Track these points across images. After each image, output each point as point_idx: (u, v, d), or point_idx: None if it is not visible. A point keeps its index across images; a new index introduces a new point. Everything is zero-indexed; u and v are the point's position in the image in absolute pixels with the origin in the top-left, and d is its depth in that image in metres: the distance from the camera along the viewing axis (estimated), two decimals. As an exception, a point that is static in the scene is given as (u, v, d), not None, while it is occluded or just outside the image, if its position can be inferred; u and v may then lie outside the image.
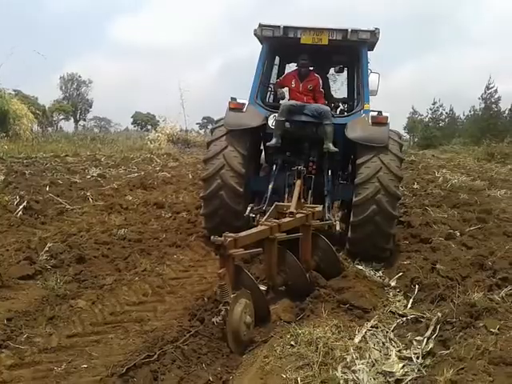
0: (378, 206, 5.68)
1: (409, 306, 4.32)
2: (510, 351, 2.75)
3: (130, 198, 9.70)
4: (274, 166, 6.41)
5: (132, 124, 68.88)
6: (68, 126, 56.04)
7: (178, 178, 13.74)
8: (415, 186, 12.61)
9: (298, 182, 5.92)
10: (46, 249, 5.34)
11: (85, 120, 68.85)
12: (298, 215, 4.91)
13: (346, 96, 7.70)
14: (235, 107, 6.28)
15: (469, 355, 2.89)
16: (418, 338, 3.51)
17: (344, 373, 3.06)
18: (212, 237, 3.68)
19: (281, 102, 6.67)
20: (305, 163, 6.30)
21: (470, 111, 49.36)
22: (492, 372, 2.65)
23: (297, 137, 6.37)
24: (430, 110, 51.43)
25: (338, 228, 5.90)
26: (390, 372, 3.13)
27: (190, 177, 14.06)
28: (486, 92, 45.61)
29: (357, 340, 3.58)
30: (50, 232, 6.42)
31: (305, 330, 3.49)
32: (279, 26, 6.20)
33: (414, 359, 3.25)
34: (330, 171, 6.39)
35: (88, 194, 9.58)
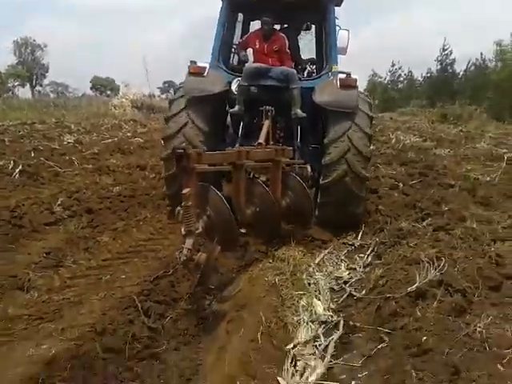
0: (348, 166, 5.46)
1: (358, 238, 5.57)
2: (421, 255, 3.98)
3: (114, 161, 10.58)
4: (240, 133, 6.12)
5: (91, 89, 67.65)
6: (24, 92, 54.71)
7: (151, 144, 14.58)
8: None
9: (267, 122, 5.68)
10: (59, 203, 6.30)
11: (41, 86, 67.18)
12: (266, 149, 4.91)
13: (313, 57, 7.28)
14: (195, 72, 5.84)
15: (393, 260, 4.17)
16: (361, 255, 4.81)
17: (307, 278, 4.29)
18: (174, 147, 3.53)
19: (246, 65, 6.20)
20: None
21: (427, 73, 50.98)
22: (407, 268, 3.91)
23: (262, 102, 5.92)
24: (390, 72, 52.84)
25: (309, 170, 5.70)
26: (339, 277, 4.40)
27: (163, 142, 14.90)
28: (441, 54, 47.22)
29: (317, 260, 4.82)
30: (54, 191, 7.33)
31: (279, 252, 4.71)
32: None
33: (358, 268, 4.54)
34: (298, 137, 6.11)
35: (73, 158, 10.41)
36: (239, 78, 5.95)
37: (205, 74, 5.83)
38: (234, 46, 6.88)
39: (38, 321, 3.31)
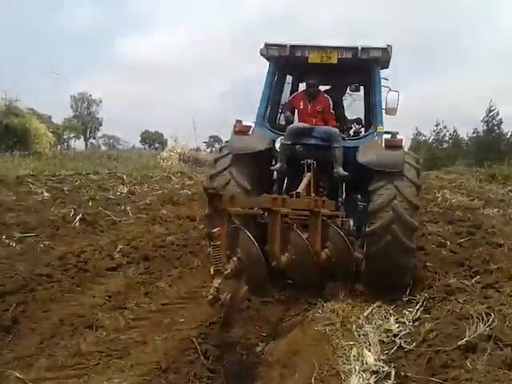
0: (392, 237, 5.27)
1: (406, 293, 5.61)
2: (470, 311, 4.08)
3: (165, 211, 11.10)
4: (283, 188, 6.15)
5: (140, 142, 70.79)
6: (78, 144, 57.85)
7: (199, 196, 15.12)
8: (416, 205, 13.91)
9: (308, 175, 5.76)
10: (118, 250, 6.74)
11: (94, 138, 70.96)
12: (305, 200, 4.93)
13: (359, 117, 7.31)
14: (240, 130, 6.00)
15: (442, 315, 4.26)
16: (410, 310, 4.89)
17: (357, 330, 4.41)
18: (205, 185, 3.62)
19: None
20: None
21: (473, 133, 50.54)
22: (457, 323, 4.00)
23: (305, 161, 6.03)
24: (434, 131, 52.75)
25: (351, 224, 5.68)
26: (389, 330, 4.48)
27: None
28: (487, 115, 46.93)
29: (366, 313, 4.92)
30: (112, 238, 7.80)
31: (328, 304, 4.87)
32: (286, 45, 6.02)
33: (407, 322, 4.61)
34: (343, 194, 6.14)
35: (127, 208, 11.01)
36: (283, 137, 6.08)
37: (250, 132, 5.98)
38: (281, 106, 7.03)
39: (108, 357, 3.60)
